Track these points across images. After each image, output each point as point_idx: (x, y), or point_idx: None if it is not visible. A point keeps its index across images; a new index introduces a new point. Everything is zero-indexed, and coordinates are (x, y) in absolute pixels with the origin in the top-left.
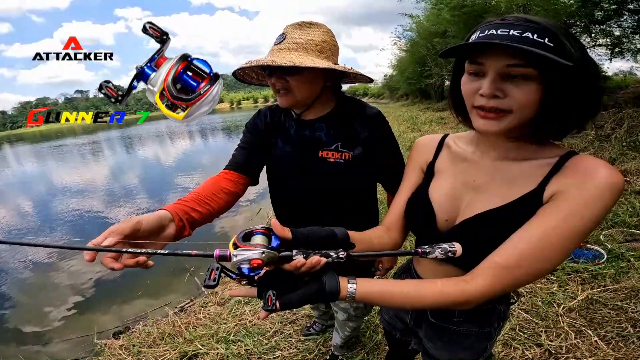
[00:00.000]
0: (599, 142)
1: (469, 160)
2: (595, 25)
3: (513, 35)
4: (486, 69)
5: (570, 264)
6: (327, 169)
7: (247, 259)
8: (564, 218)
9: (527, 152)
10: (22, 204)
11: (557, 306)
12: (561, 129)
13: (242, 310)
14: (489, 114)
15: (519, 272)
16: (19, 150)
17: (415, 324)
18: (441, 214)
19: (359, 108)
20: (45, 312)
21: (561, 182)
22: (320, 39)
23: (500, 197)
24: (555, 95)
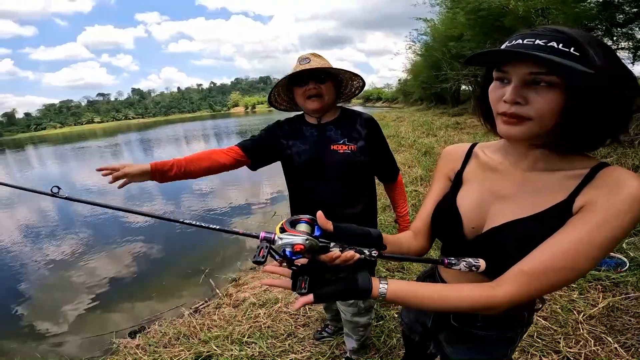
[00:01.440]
0: (622, 148)
1: (497, 169)
2: (617, 28)
3: (538, 44)
4: (510, 76)
5: (592, 272)
6: (339, 158)
7: (291, 243)
8: (593, 228)
9: (557, 163)
10: (48, 206)
11: (577, 313)
12: (590, 139)
13: (257, 312)
14: (511, 119)
15: (546, 280)
16: (43, 151)
17: (436, 328)
18: (468, 221)
19: (357, 114)
20: (62, 310)
21: (591, 193)
22: (328, 64)
23: (529, 207)
24: (578, 104)
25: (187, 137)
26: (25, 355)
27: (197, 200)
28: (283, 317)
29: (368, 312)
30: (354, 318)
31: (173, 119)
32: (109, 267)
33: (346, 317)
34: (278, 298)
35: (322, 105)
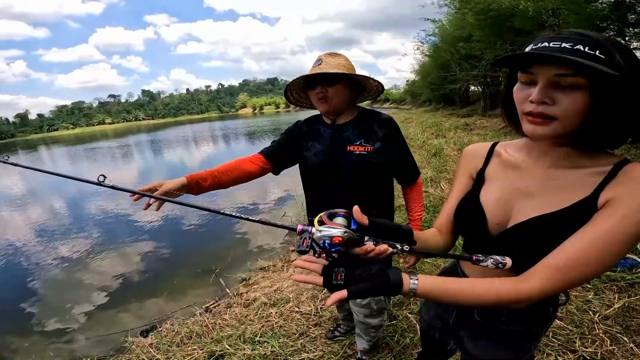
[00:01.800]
0: (635, 149)
1: (520, 167)
2: (629, 28)
3: (565, 47)
4: (537, 78)
5: (607, 273)
6: (354, 159)
7: (330, 236)
8: (616, 223)
9: (580, 160)
10: (60, 205)
11: (592, 314)
12: (613, 138)
13: (268, 312)
14: (537, 119)
15: (572, 274)
16: (56, 152)
17: (458, 324)
18: (492, 217)
19: (376, 114)
20: (74, 309)
21: (615, 189)
22: (344, 62)
23: (553, 204)
24: (603, 104)
25: (197, 139)
26: (39, 354)
27: (207, 201)
28: (295, 316)
29: (380, 314)
30: (366, 319)
31: (182, 120)
32: (120, 266)
33: (358, 318)
34: (289, 297)
35: (331, 108)
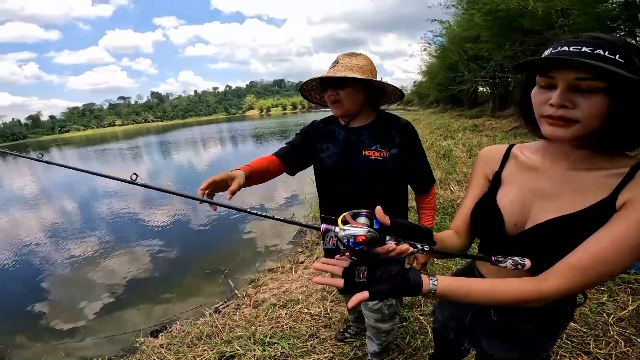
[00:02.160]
0: None
1: (537, 169)
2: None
3: (585, 51)
4: (557, 81)
5: (621, 275)
6: (369, 164)
7: (353, 235)
8: (633, 225)
9: (597, 162)
10: (71, 206)
11: (606, 316)
12: (631, 140)
13: (278, 313)
14: (558, 121)
15: (592, 274)
16: (67, 153)
17: (473, 323)
18: (510, 218)
19: (394, 119)
20: (84, 309)
21: (633, 192)
22: (363, 63)
23: (572, 205)
24: (623, 107)
25: (206, 140)
26: (51, 354)
27: None
28: (304, 317)
29: (392, 319)
30: (378, 324)
31: (190, 122)
32: (129, 267)
33: (369, 322)
34: (299, 299)
35: (344, 111)
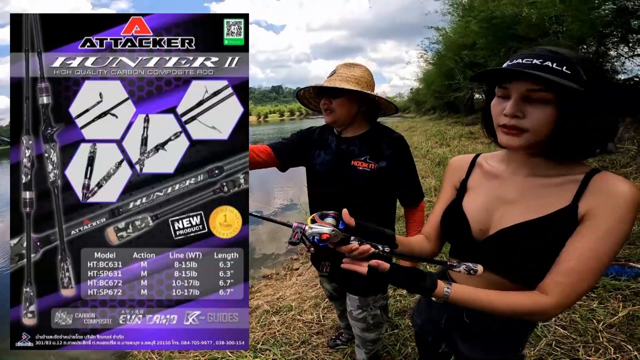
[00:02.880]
0: None
1: (500, 177)
2: (633, 34)
3: (535, 63)
4: (511, 92)
5: (612, 282)
6: (356, 175)
7: (319, 232)
8: (604, 236)
9: (554, 169)
10: None
11: (596, 322)
12: (580, 149)
13: (271, 319)
14: (510, 131)
15: (582, 284)
16: None
17: (449, 326)
18: (475, 224)
19: (387, 132)
20: None
21: (592, 202)
22: (359, 75)
23: (534, 211)
24: (569, 117)
25: None
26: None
27: None
28: (297, 324)
29: (377, 328)
30: (363, 333)
31: None
32: None
33: (355, 331)
34: (292, 306)
35: (334, 120)
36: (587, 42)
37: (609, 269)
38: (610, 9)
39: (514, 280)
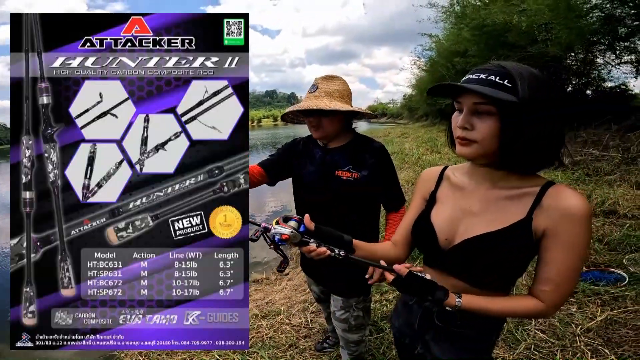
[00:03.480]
0: (626, 165)
1: (465, 189)
2: (620, 42)
3: (481, 78)
4: (462, 106)
5: (591, 287)
6: (341, 184)
7: (279, 233)
8: (571, 249)
9: (513, 182)
10: None
11: (574, 326)
12: (528, 159)
13: (259, 323)
14: (463, 141)
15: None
16: None
17: (422, 328)
18: (441, 234)
19: (368, 142)
20: None
21: (550, 219)
22: (341, 88)
23: (494, 222)
24: (509, 128)
25: None
26: None
27: None
28: (285, 328)
29: (359, 330)
30: (345, 334)
31: None
32: None
33: (338, 331)
34: (280, 310)
35: (324, 136)
36: (575, 50)
37: (588, 275)
38: (598, 17)
39: (477, 286)
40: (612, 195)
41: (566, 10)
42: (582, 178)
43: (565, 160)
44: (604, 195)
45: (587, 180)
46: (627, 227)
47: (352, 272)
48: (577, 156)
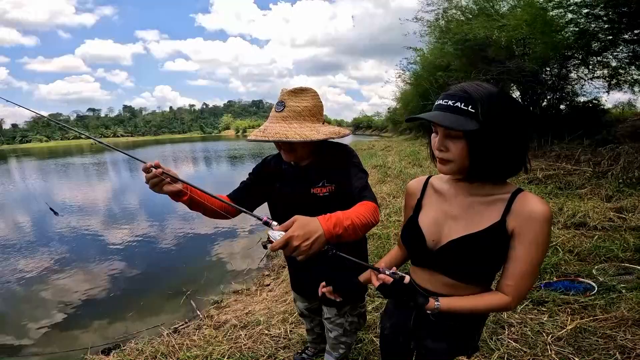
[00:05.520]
0: (596, 179)
1: (447, 195)
2: (593, 57)
3: (449, 105)
4: (437, 129)
5: (561, 296)
6: (317, 202)
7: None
8: (535, 248)
9: (487, 189)
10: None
11: (546, 335)
12: (496, 171)
13: (238, 334)
14: (441, 161)
15: (526, 284)
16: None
17: (416, 325)
18: (428, 236)
19: (334, 148)
20: (31, 326)
21: (517, 221)
22: (312, 104)
23: (473, 225)
24: (477, 148)
25: (176, 159)
26: None
27: (183, 223)
28: (264, 339)
29: (354, 334)
30: (339, 338)
31: (162, 139)
32: (84, 286)
33: (331, 334)
34: (260, 320)
35: (297, 159)
36: (550, 65)
37: (558, 284)
38: (573, 32)
39: (462, 280)
40: (583, 208)
41: (542, 25)
42: (555, 192)
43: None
44: (575, 208)
45: (559, 193)
46: (596, 238)
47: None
48: (549, 170)
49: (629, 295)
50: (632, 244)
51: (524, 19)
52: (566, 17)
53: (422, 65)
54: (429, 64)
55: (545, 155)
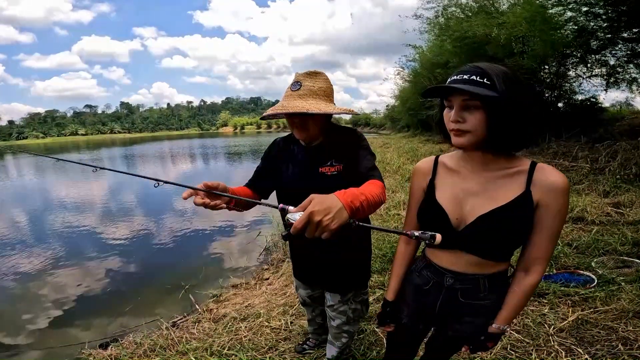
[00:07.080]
0: (594, 175)
1: (461, 173)
2: (591, 55)
3: (464, 78)
4: (453, 103)
5: (562, 288)
6: (326, 181)
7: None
8: (559, 218)
9: (501, 164)
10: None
11: (547, 326)
12: (513, 141)
13: (238, 326)
14: (457, 133)
15: (550, 255)
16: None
17: (443, 309)
18: (452, 214)
19: (342, 131)
20: (28, 322)
21: (541, 193)
22: (325, 85)
23: (497, 199)
24: (495, 118)
25: (174, 156)
26: None
27: (182, 220)
28: (264, 331)
29: (356, 322)
30: (341, 326)
31: (160, 135)
32: (82, 281)
33: (334, 323)
34: (260, 313)
35: (309, 136)
36: (549, 63)
37: (558, 276)
38: (572, 30)
39: (488, 258)
40: (581, 203)
41: (542, 22)
42: None
43: None
44: (573, 203)
45: None
46: (594, 232)
47: (347, 269)
48: None
49: (629, 287)
50: (630, 238)
51: (523, 16)
52: (565, 15)
53: (421, 62)
54: (428, 61)
55: (543, 152)
